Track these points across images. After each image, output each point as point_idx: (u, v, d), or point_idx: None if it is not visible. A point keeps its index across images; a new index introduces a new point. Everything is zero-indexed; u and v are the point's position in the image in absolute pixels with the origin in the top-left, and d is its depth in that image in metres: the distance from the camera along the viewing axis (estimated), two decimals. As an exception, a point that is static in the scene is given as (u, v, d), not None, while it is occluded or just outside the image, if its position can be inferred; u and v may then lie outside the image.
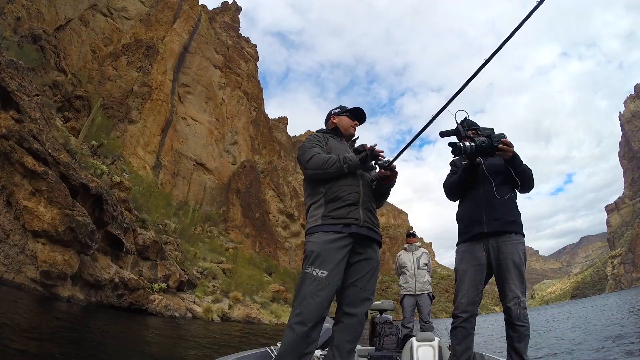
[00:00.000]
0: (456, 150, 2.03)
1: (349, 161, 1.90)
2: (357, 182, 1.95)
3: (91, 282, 8.63)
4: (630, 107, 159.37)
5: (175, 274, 13.46)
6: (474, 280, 2.20)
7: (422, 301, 4.60)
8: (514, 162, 2.14)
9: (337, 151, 2.01)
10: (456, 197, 2.43)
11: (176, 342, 6.68)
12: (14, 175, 7.63)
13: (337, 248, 1.80)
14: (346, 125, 2.20)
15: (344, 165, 1.89)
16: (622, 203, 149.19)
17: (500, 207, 2.18)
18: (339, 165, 1.89)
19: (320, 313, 1.72)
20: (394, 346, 3.81)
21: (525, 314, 2.07)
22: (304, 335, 1.65)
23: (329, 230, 1.84)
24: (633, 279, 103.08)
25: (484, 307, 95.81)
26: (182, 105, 50.81)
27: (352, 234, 1.84)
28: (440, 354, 2.76)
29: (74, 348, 4.24)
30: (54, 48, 23.05)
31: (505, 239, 2.16)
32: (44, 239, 7.51)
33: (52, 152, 8.07)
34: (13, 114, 8.12)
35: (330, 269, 1.77)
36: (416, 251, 4.89)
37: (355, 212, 1.88)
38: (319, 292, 1.72)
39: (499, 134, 2.11)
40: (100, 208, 9.02)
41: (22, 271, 7.48)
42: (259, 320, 17.25)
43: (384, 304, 4.43)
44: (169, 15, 51.74)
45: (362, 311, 1.85)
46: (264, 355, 2.23)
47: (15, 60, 9.33)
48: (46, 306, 7.08)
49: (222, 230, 44.47)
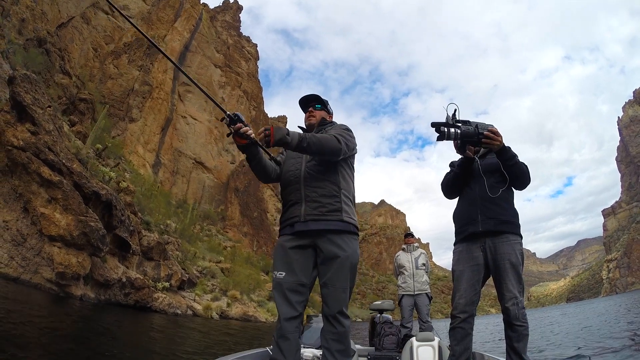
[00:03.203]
0: (440, 133, 2.02)
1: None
2: (298, 180, 1.96)
3: (101, 281, 9.33)
4: (629, 112, 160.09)
5: (176, 274, 14.17)
6: (471, 280, 2.19)
7: (420, 301, 4.60)
8: (503, 154, 2.12)
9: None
10: (452, 194, 2.44)
11: (179, 338, 7.29)
12: (31, 184, 8.29)
13: (286, 249, 1.89)
14: (305, 120, 2.23)
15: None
16: (618, 207, 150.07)
17: (495, 206, 2.18)
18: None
19: (282, 310, 1.80)
20: (394, 346, 3.84)
21: (523, 313, 2.06)
22: (278, 329, 1.80)
23: (283, 234, 1.97)
24: (628, 283, 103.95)
25: (480, 308, 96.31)
26: (182, 104, 51.29)
27: (297, 232, 1.89)
28: (440, 353, 2.75)
29: (88, 343, 4.66)
30: (59, 51, 23.60)
31: (502, 239, 2.15)
32: (59, 242, 8.18)
33: (66, 162, 8.73)
34: (29, 126, 8.76)
35: (285, 269, 1.86)
36: (414, 251, 4.89)
37: (297, 209, 1.92)
38: (276, 291, 1.86)
39: (487, 124, 2.11)
40: (109, 213, 9.70)
41: (39, 272, 8.16)
42: (255, 318, 17.93)
43: (384, 304, 4.46)
44: (170, 14, 52.12)
45: (334, 310, 1.82)
46: (263, 355, 2.26)
47: (29, 74, 9.93)
48: (61, 304, 7.71)
49: (220, 228, 45.05)
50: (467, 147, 2.17)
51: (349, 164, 2.08)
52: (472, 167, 2.28)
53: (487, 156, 2.35)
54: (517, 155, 2.15)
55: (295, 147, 1.79)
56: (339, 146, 1.89)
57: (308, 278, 1.87)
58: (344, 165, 2.03)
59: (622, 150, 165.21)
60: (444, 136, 2.02)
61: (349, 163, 2.08)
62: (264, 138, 1.75)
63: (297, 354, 1.82)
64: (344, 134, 1.97)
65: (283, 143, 1.75)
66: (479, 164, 2.27)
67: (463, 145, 2.15)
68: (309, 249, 1.89)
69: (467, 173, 2.29)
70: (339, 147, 1.88)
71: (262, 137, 1.76)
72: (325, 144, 1.85)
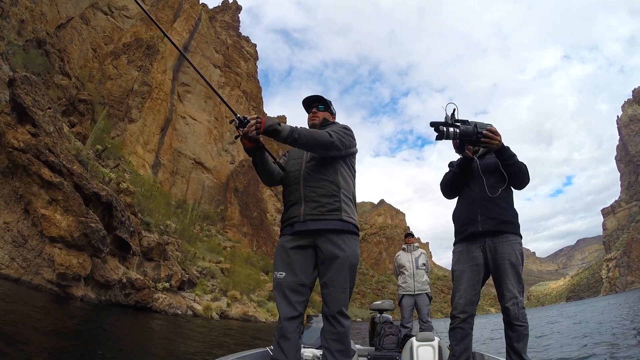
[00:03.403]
0: (439, 133, 2.03)
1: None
2: (298, 180, 1.98)
3: (102, 282, 9.38)
4: (628, 111, 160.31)
5: (176, 274, 14.22)
6: (471, 280, 2.19)
7: (420, 301, 4.60)
8: (502, 154, 2.14)
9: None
10: (451, 193, 2.44)
11: (180, 339, 7.34)
12: (31, 186, 8.33)
13: (287, 249, 1.90)
14: (308, 121, 2.25)
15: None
16: (618, 206, 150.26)
17: (495, 206, 2.18)
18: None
19: (283, 309, 1.82)
20: (394, 346, 3.83)
21: (523, 313, 2.06)
22: (279, 329, 1.82)
23: (283, 234, 1.99)
24: (627, 282, 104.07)
25: (479, 308, 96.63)
26: (181, 105, 51.31)
27: (297, 232, 1.90)
28: (441, 353, 2.75)
29: (88, 343, 4.67)
30: (58, 52, 23.61)
31: (501, 239, 2.15)
32: (60, 244, 8.22)
33: (66, 163, 8.77)
34: (29, 128, 8.80)
35: (286, 270, 1.87)
36: (415, 251, 4.88)
37: (296, 209, 1.93)
38: (276, 291, 1.87)
39: (486, 123, 2.12)
40: (110, 214, 9.75)
41: (40, 273, 8.20)
42: (255, 318, 17.99)
43: (384, 303, 4.44)
44: (169, 14, 52.17)
45: (334, 310, 1.82)
46: (263, 355, 2.26)
47: (29, 76, 9.97)
48: (62, 305, 7.74)
49: (219, 229, 45.08)
50: (466, 146, 2.16)
51: (349, 164, 2.08)
52: (472, 167, 2.28)
53: (486, 156, 2.35)
54: (516, 155, 2.16)
55: (285, 137, 1.78)
56: (330, 140, 1.89)
57: (308, 278, 1.88)
58: (344, 165, 2.03)
59: (622, 150, 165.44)
60: (443, 135, 2.03)
61: (349, 163, 2.08)
62: (255, 124, 1.73)
63: (297, 354, 1.82)
64: (338, 130, 1.98)
65: (273, 130, 1.74)
66: (478, 164, 2.28)
67: (462, 144, 2.14)
68: (309, 249, 1.89)
69: (466, 173, 2.29)
70: (330, 141, 1.88)
71: (253, 124, 1.73)
72: (317, 137, 1.86)
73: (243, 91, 62.51)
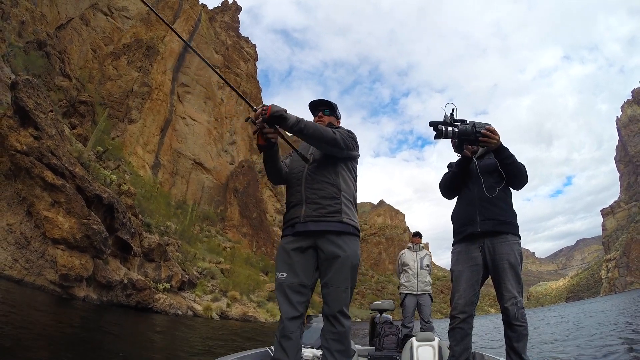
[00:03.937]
0: (438, 132, 2.04)
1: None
2: (300, 182, 2.01)
3: (103, 283, 9.49)
4: (628, 111, 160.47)
5: (177, 275, 14.32)
6: (470, 280, 2.19)
7: (423, 301, 4.60)
8: (500, 153, 2.15)
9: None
10: (450, 194, 2.45)
11: (180, 339, 7.44)
12: (34, 188, 8.44)
13: (288, 250, 1.92)
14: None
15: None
16: (617, 207, 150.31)
17: (494, 207, 2.19)
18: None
19: (284, 309, 1.84)
20: (394, 346, 3.83)
21: (522, 313, 2.07)
22: (280, 329, 1.84)
23: (285, 235, 2.02)
24: (627, 282, 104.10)
25: (479, 308, 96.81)
26: (181, 105, 51.38)
27: (298, 233, 1.92)
28: (441, 353, 2.74)
29: (90, 343, 4.75)
30: (59, 54, 23.71)
31: (500, 239, 2.15)
32: (63, 245, 8.33)
33: (69, 166, 8.88)
34: (32, 131, 8.91)
35: (287, 270, 1.89)
36: (420, 251, 4.86)
37: (297, 210, 1.96)
38: (278, 291, 1.89)
39: (485, 123, 2.13)
40: (111, 216, 9.86)
41: (42, 274, 8.31)
42: (255, 318, 18.10)
43: (384, 303, 4.44)
44: (169, 15, 52.24)
45: (334, 309, 1.83)
46: (263, 355, 2.26)
47: (31, 79, 10.08)
48: (64, 305, 7.83)
49: (219, 229, 45.15)
50: (464, 146, 2.18)
51: (350, 167, 2.11)
52: (470, 168, 2.30)
53: (485, 157, 2.37)
54: (515, 155, 2.18)
55: (292, 125, 1.79)
56: (334, 137, 1.92)
57: (309, 279, 1.90)
58: (345, 168, 2.06)
59: (621, 150, 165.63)
60: (442, 134, 2.04)
61: (350, 167, 2.11)
62: (261, 113, 1.74)
63: (298, 354, 1.84)
64: (342, 132, 2.02)
65: (279, 117, 1.75)
66: (476, 164, 2.30)
67: (461, 143, 2.15)
68: (310, 250, 1.91)
69: (464, 173, 2.30)
70: (333, 137, 1.91)
71: (259, 113, 1.74)
72: (322, 131, 1.89)
73: (243, 92, 62.44)
